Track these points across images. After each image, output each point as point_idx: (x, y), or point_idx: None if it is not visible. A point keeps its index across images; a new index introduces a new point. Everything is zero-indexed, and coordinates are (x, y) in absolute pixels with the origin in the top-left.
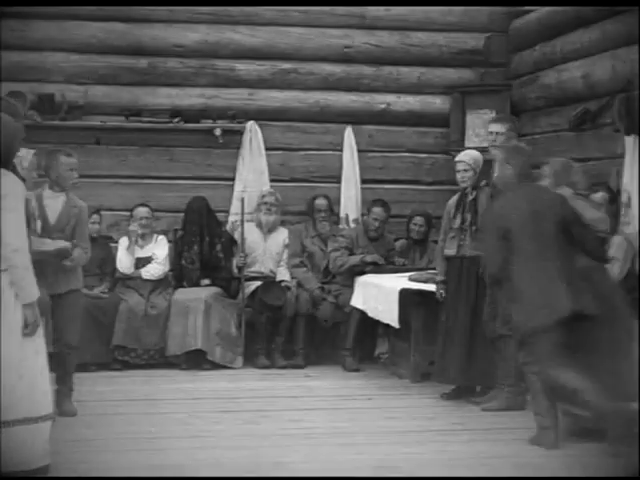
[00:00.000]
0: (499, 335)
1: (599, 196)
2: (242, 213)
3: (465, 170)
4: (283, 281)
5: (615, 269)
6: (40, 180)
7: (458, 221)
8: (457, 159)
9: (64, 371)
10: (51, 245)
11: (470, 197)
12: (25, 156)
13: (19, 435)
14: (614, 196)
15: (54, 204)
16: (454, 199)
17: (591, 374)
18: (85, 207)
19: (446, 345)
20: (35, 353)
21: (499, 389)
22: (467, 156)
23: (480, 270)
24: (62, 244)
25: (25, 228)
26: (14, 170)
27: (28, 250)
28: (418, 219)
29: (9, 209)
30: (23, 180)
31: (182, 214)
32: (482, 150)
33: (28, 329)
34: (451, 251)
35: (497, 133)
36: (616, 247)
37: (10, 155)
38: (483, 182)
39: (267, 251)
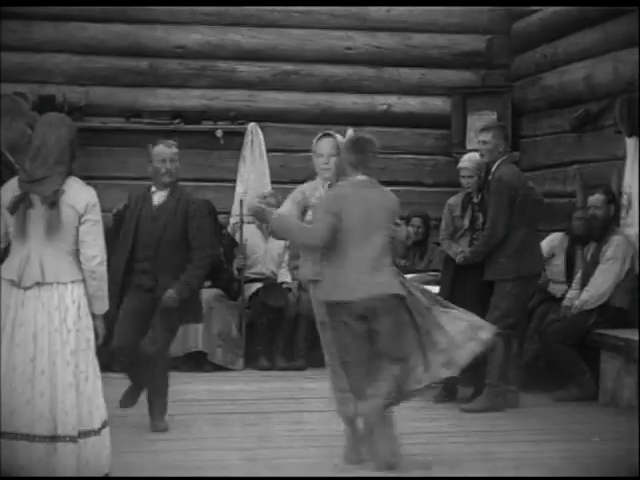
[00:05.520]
0: None
1: (596, 198)
2: (241, 215)
3: (470, 176)
4: (284, 283)
5: (614, 269)
6: None
7: (467, 221)
8: (461, 165)
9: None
10: None
11: (475, 199)
12: None
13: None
14: (611, 198)
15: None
16: (456, 198)
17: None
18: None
19: None
20: None
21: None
22: (471, 162)
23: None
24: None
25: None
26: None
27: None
28: (415, 220)
29: (95, 221)
30: None
31: None
32: None
33: (99, 339)
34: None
35: (484, 142)
36: (615, 246)
37: (74, 160)
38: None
39: (268, 253)
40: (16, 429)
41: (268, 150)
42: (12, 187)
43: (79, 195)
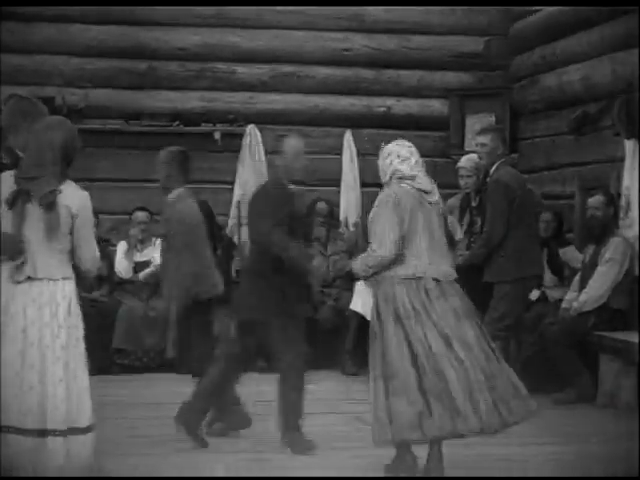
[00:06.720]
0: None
1: (596, 199)
2: (239, 217)
3: (468, 176)
4: None
5: (612, 270)
6: None
7: (465, 225)
8: (459, 165)
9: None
10: None
11: (474, 202)
12: None
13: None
14: (611, 199)
15: None
16: (455, 200)
17: None
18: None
19: None
20: None
21: None
22: (469, 162)
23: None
24: None
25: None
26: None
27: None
28: None
29: (88, 225)
30: None
31: None
32: None
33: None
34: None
35: (482, 144)
36: (613, 248)
37: (71, 163)
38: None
39: None
40: (8, 422)
41: (267, 152)
42: (8, 182)
43: (74, 198)
